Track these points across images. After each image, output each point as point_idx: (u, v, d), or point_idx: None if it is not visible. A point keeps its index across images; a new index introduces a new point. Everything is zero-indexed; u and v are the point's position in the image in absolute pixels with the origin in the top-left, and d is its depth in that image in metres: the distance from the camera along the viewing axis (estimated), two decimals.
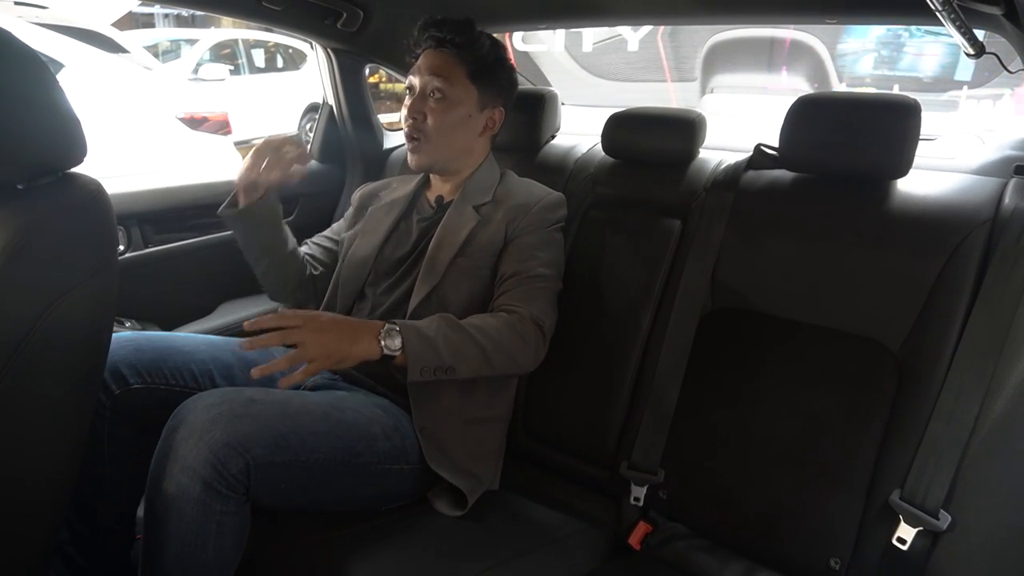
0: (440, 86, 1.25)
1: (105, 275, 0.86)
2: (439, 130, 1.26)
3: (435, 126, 1.26)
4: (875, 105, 1.13)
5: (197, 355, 1.17)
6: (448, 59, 1.26)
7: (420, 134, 1.26)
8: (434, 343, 1.05)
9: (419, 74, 1.27)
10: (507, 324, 1.14)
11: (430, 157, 1.29)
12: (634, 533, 1.16)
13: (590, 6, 1.56)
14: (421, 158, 1.28)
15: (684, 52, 5.45)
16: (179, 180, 1.70)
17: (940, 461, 0.95)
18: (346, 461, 1.03)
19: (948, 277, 1.03)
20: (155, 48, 6.89)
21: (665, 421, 1.19)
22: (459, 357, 1.07)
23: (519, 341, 1.14)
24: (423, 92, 1.26)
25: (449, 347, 1.06)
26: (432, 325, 1.08)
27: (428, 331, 1.06)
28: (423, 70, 1.27)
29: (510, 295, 1.19)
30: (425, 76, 1.26)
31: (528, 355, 1.16)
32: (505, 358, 1.12)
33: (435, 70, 1.25)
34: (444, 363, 1.06)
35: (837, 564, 1.01)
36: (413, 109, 1.26)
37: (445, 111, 1.26)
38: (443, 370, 1.06)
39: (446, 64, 1.25)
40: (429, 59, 1.27)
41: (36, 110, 0.76)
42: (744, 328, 1.18)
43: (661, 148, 1.38)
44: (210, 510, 0.90)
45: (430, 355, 1.05)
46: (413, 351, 1.03)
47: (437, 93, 1.25)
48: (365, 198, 1.45)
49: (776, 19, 2.65)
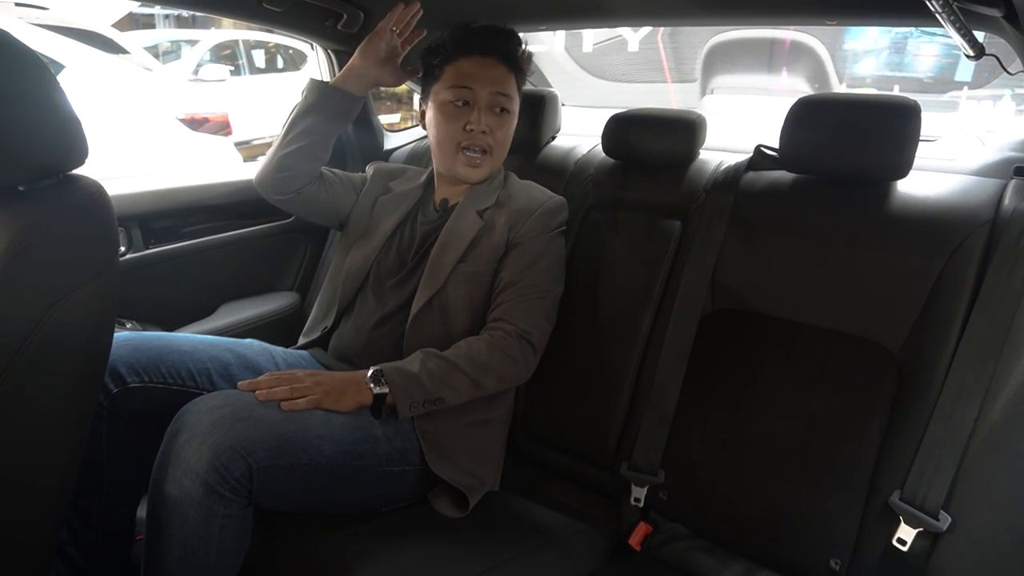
0: (505, 100, 1.25)
1: (106, 276, 0.86)
2: (502, 144, 1.28)
3: (502, 140, 1.27)
4: (875, 106, 1.13)
5: (195, 354, 1.17)
6: (506, 72, 1.26)
7: (487, 148, 1.26)
8: (418, 379, 1.09)
9: (477, 85, 1.24)
10: (492, 345, 1.16)
11: (489, 171, 1.29)
12: (634, 534, 1.16)
13: (591, 7, 1.56)
14: (482, 172, 1.28)
15: (684, 53, 5.45)
16: (180, 181, 1.70)
17: (940, 462, 0.95)
18: (348, 464, 1.03)
19: (948, 278, 1.04)
20: (155, 49, 6.90)
21: (665, 422, 1.19)
22: (445, 386, 1.10)
23: (505, 360, 1.16)
24: (489, 105, 1.25)
25: (432, 379, 1.09)
26: (415, 362, 1.11)
27: (411, 368, 1.09)
28: (482, 81, 1.24)
29: (504, 308, 1.20)
30: (487, 87, 1.24)
31: (517, 371, 1.18)
32: (493, 378, 1.15)
33: (499, 83, 1.25)
34: (431, 395, 1.09)
35: (837, 565, 1.01)
36: (481, 123, 1.24)
37: (507, 125, 1.28)
38: (431, 401, 1.09)
39: (502, 75, 1.26)
40: (486, 69, 1.24)
41: (37, 111, 0.76)
42: (744, 329, 1.18)
43: (661, 149, 1.38)
44: (213, 513, 0.90)
45: (416, 390, 1.08)
46: (399, 389, 1.07)
47: (503, 107, 1.26)
48: (377, 179, 1.43)
49: (776, 20, 2.65)
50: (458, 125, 1.24)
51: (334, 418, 1.04)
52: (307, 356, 1.33)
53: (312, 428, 1.00)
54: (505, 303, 1.20)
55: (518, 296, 1.20)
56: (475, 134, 1.24)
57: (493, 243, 1.24)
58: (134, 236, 1.57)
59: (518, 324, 1.18)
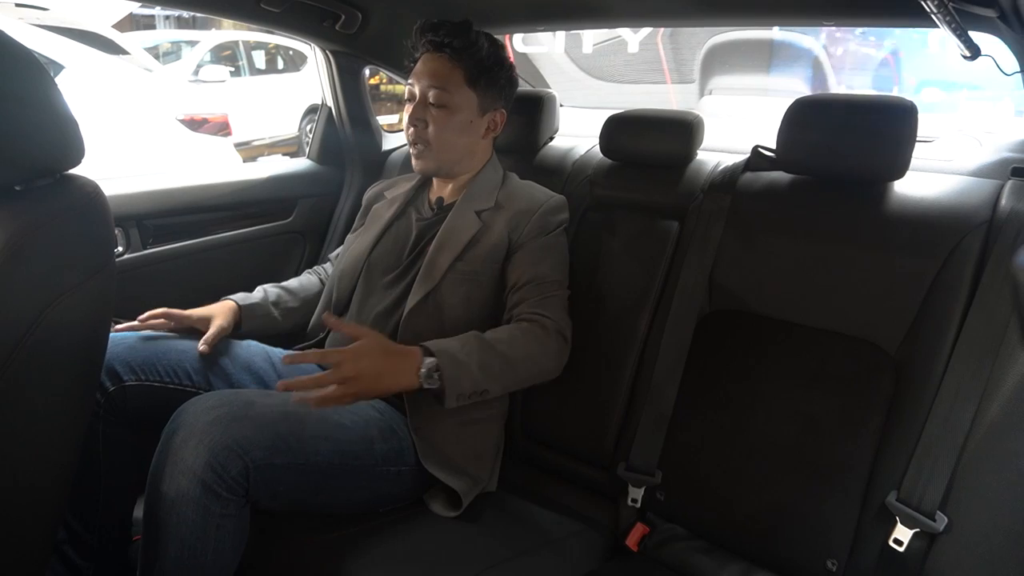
0: (439, 94, 1.24)
1: (103, 276, 0.86)
2: (440, 137, 1.26)
3: (436, 133, 1.26)
4: (872, 107, 1.13)
5: (192, 353, 1.17)
6: (446, 64, 1.25)
7: (422, 141, 1.26)
8: (469, 368, 1.04)
9: (417, 80, 1.26)
10: (532, 336, 1.14)
11: (434, 162, 1.29)
12: (631, 534, 1.16)
13: (590, 8, 1.56)
14: (426, 163, 1.29)
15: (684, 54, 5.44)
16: (177, 181, 1.70)
17: (936, 463, 0.95)
18: (344, 463, 1.03)
19: (945, 279, 1.04)
20: (156, 50, 6.90)
21: (663, 423, 1.19)
22: (491, 378, 1.07)
23: (544, 353, 1.15)
24: (423, 99, 1.26)
25: (482, 369, 1.06)
26: (467, 350, 1.07)
27: (463, 357, 1.05)
28: (421, 76, 1.26)
29: (528, 304, 1.19)
30: (423, 82, 1.25)
31: (553, 364, 1.17)
32: (532, 370, 1.14)
33: (433, 77, 1.25)
34: (479, 387, 1.06)
35: (834, 565, 1.01)
36: (414, 116, 1.26)
37: (445, 118, 1.26)
38: (478, 393, 1.06)
39: (444, 69, 1.25)
40: (427, 64, 1.26)
41: (33, 111, 0.77)
42: (741, 330, 1.18)
43: (659, 150, 1.38)
44: (209, 512, 0.90)
45: (466, 382, 1.04)
46: (451, 382, 1.03)
47: (436, 101, 1.25)
48: (371, 199, 1.46)
49: (774, 21, 2.65)
50: (407, 121, 1.28)
51: (330, 418, 1.04)
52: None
53: (309, 428, 1.00)
54: (528, 299, 1.19)
55: (536, 293, 1.19)
56: (409, 129, 1.27)
57: (492, 243, 1.24)
58: (132, 236, 1.57)
59: (550, 317, 1.17)
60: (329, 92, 1.88)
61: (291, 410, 1.01)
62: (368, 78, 1.94)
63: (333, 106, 1.90)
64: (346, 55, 1.80)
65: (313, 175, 1.94)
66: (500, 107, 1.33)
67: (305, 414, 1.02)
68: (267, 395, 1.03)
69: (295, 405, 1.02)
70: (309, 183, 1.92)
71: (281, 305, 1.39)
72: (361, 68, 1.86)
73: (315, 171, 1.95)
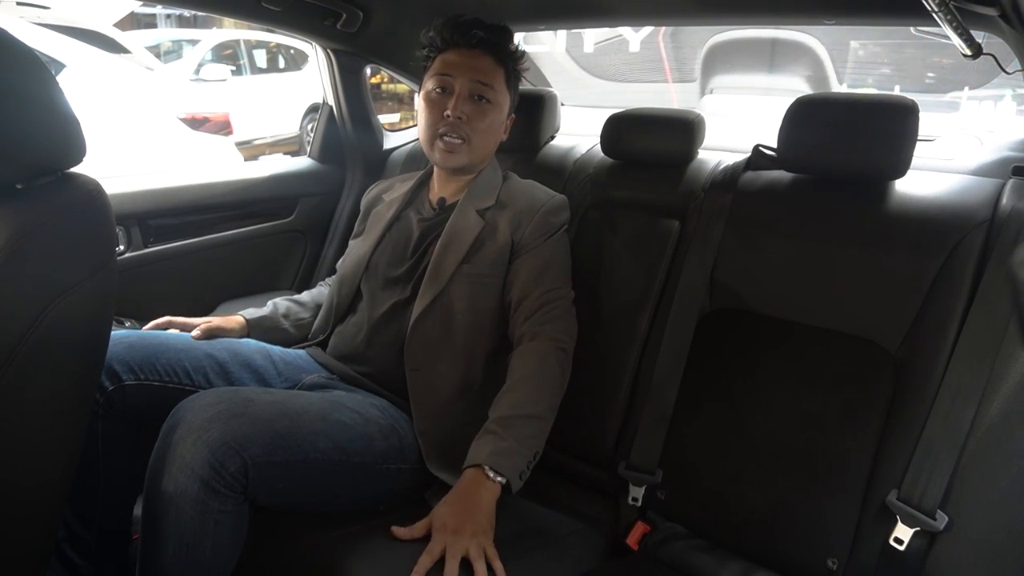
0: (486, 89, 1.25)
1: (104, 275, 0.86)
2: (481, 133, 1.26)
3: (478, 129, 1.25)
4: (873, 106, 1.13)
5: (191, 352, 1.17)
6: (490, 62, 1.26)
7: (460, 135, 1.25)
8: (512, 452, 1.05)
9: (458, 73, 1.24)
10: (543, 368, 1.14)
11: (467, 158, 1.27)
12: (632, 533, 1.16)
13: (591, 7, 1.57)
14: (458, 158, 1.26)
15: (685, 53, 5.44)
16: (179, 180, 1.70)
17: (937, 461, 0.95)
18: (344, 461, 1.03)
19: (946, 278, 1.04)
20: (157, 48, 6.90)
21: (663, 422, 1.19)
22: (533, 440, 1.08)
23: (556, 374, 1.16)
24: (468, 93, 1.24)
25: (521, 442, 1.06)
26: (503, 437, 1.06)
27: (506, 446, 1.05)
28: (464, 69, 1.24)
29: (532, 321, 1.19)
30: (467, 75, 1.24)
31: (563, 381, 1.18)
32: (555, 401, 1.15)
33: (480, 72, 1.24)
34: (531, 452, 1.07)
35: (834, 564, 1.01)
36: (457, 108, 1.23)
37: (488, 114, 1.26)
38: (531, 460, 1.07)
39: (490, 67, 1.25)
40: (471, 60, 1.25)
41: (35, 110, 0.77)
42: (742, 329, 1.18)
43: (660, 149, 1.38)
44: (208, 509, 0.90)
45: (520, 461, 1.05)
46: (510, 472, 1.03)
47: (483, 96, 1.25)
48: (369, 202, 1.45)
49: (775, 20, 2.65)
50: (438, 113, 1.25)
51: (330, 415, 1.04)
52: (305, 356, 1.32)
53: (307, 425, 1.00)
54: (531, 315, 1.19)
55: (540, 307, 1.19)
56: (451, 121, 1.24)
57: (497, 245, 1.24)
58: (133, 235, 1.58)
59: (553, 331, 1.18)
60: (330, 91, 1.88)
61: (290, 407, 1.01)
62: (369, 77, 1.94)
63: (334, 105, 1.90)
64: (347, 54, 1.80)
65: (314, 174, 1.94)
66: (512, 111, 1.35)
67: (304, 411, 1.02)
68: (266, 392, 1.03)
69: (294, 402, 1.03)
70: (310, 182, 1.92)
71: (291, 317, 1.40)
72: (362, 67, 1.86)
73: (316, 170, 1.95)
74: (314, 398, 1.08)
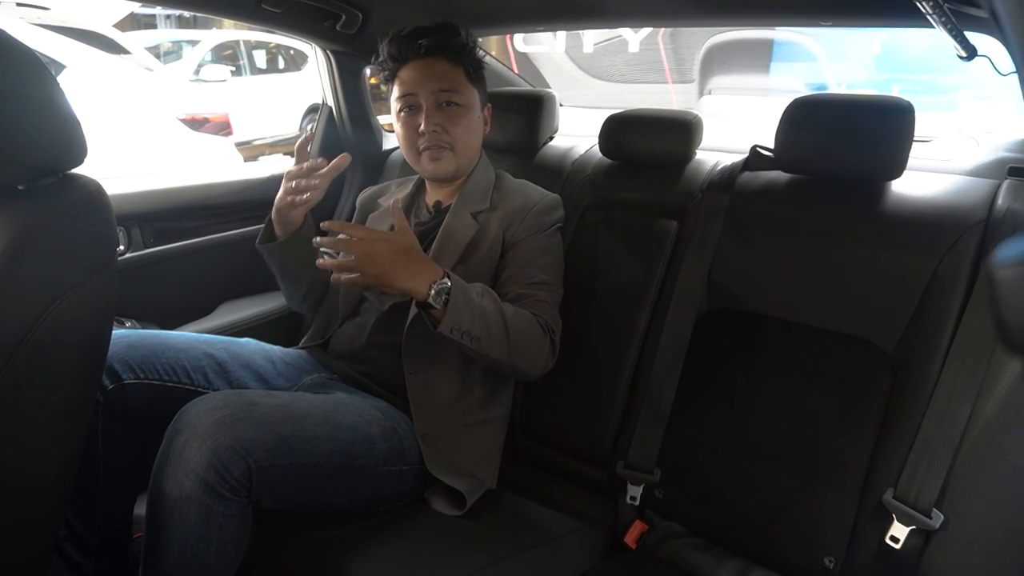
0: (451, 95, 1.24)
1: (105, 275, 0.86)
2: (462, 138, 1.26)
3: (457, 134, 1.25)
4: (869, 107, 1.14)
5: (191, 352, 1.18)
6: (447, 66, 1.25)
7: (442, 145, 1.25)
8: (474, 308, 1.06)
9: (419, 87, 1.24)
10: (535, 322, 1.15)
11: (454, 164, 1.28)
12: (630, 532, 1.17)
13: (590, 8, 1.57)
14: (446, 165, 1.27)
15: (684, 54, 5.45)
16: (179, 181, 1.70)
17: (933, 460, 0.95)
18: (346, 463, 1.04)
19: (942, 278, 1.04)
20: (157, 49, 6.91)
21: (661, 421, 1.20)
22: (488, 331, 1.07)
23: (539, 345, 1.15)
24: (435, 103, 1.25)
25: (484, 318, 1.07)
26: (478, 293, 1.08)
27: (472, 295, 1.07)
28: (423, 81, 1.24)
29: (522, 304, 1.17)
30: (429, 87, 1.24)
31: (542, 358, 1.16)
32: (522, 353, 1.13)
33: (440, 79, 1.24)
34: (474, 330, 1.06)
35: (831, 563, 1.01)
36: (431, 122, 1.24)
37: (461, 117, 1.26)
38: (470, 336, 1.06)
39: (447, 70, 1.25)
40: (426, 70, 1.25)
41: (36, 111, 0.77)
42: (740, 328, 1.19)
43: (658, 149, 1.39)
44: (212, 512, 0.91)
45: (466, 317, 1.05)
46: (455, 307, 1.03)
47: (450, 101, 1.25)
48: (365, 203, 1.46)
49: (772, 22, 2.66)
50: (412, 130, 1.26)
51: (332, 417, 1.05)
52: (305, 356, 1.33)
53: (310, 428, 1.01)
54: (518, 300, 1.18)
55: (525, 295, 1.19)
56: (428, 135, 1.24)
57: (490, 246, 1.25)
58: (133, 235, 1.58)
59: (541, 316, 1.17)
60: (330, 92, 1.89)
61: (293, 410, 1.01)
62: (368, 78, 1.94)
63: (334, 106, 1.91)
64: (347, 55, 1.80)
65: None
66: (487, 101, 1.34)
67: (307, 414, 1.02)
68: (269, 395, 1.04)
69: (297, 405, 1.03)
70: None
71: None
72: (361, 68, 1.87)
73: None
74: (316, 400, 1.09)
